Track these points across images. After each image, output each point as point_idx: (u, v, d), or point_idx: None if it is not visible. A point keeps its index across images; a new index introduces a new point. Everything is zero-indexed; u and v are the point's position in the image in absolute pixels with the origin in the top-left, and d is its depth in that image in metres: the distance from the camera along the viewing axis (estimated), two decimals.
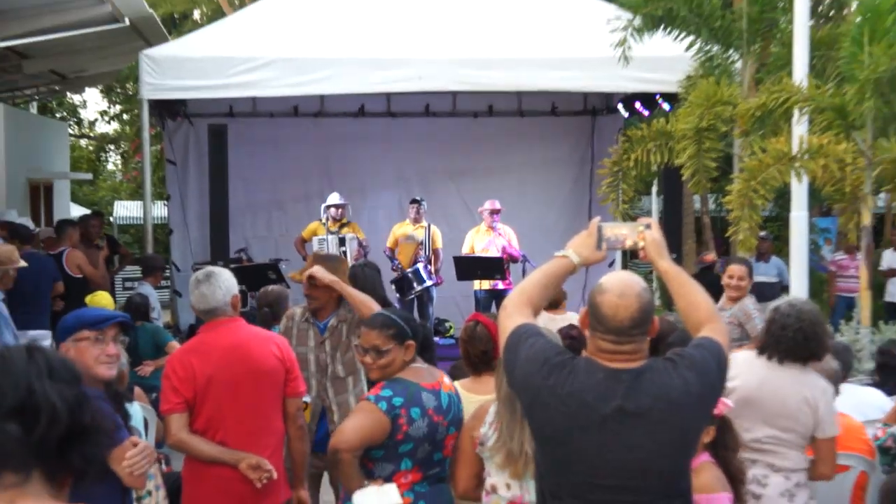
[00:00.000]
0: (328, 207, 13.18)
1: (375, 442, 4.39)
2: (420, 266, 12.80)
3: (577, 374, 3.36)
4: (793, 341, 5.11)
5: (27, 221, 13.90)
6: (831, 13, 20.80)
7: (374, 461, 4.43)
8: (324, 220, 13.14)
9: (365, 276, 7.27)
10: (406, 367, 4.53)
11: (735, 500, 4.23)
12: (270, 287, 8.70)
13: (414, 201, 13.42)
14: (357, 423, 4.46)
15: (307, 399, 5.80)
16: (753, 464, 5.01)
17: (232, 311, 5.32)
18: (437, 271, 13.18)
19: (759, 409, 5.04)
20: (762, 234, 12.50)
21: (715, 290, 14.84)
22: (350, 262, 12.82)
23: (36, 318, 10.13)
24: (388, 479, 4.40)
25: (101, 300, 9.46)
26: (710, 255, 14.34)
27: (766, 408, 5.05)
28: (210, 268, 5.53)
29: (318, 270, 6.00)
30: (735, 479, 4.23)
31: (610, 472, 3.33)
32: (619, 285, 3.42)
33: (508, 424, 4.25)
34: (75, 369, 2.24)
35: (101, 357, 4.31)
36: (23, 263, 8.20)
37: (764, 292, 10.74)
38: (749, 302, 8.13)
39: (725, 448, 4.26)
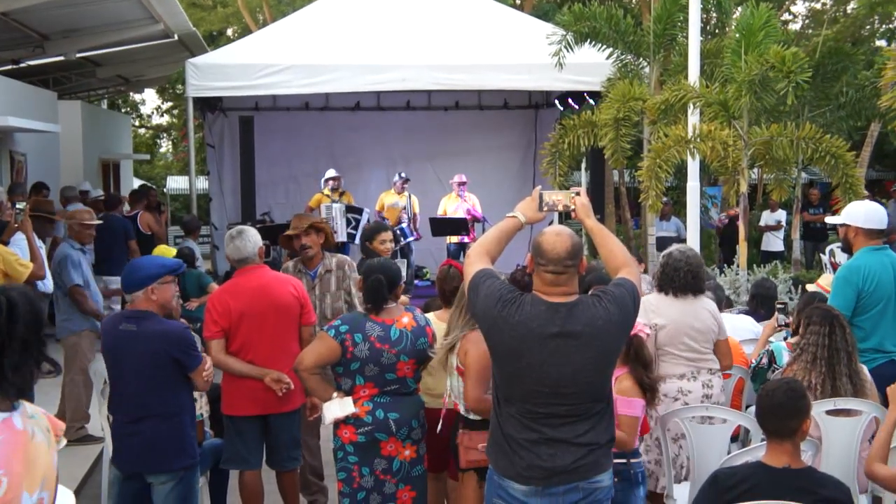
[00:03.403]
0: (328, 180, 13.10)
1: (329, 361, 4.40)
2: (404, 225, 12.80)
3: (524, 307, 3.35)
4: (684, 280, 5.13)
5: (89, 188, 13.86)
6: (717, 30, 20.76)
7: (339, 376, 4.43)
8: (325, 191, 13.04)
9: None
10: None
11: (647, 405, 4.22)
12: None
13: (402, 178, 13.34)
14: (311, 347, 4.51)
15: None
16: (699, 373, 5.07)
17: (259, 259, 5.28)
18: (416, 229, 13.17)
19: (688, 333, 5.07)
20: (665, 199, 12.50)
21: (733, 239, 14.86)
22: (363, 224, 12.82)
23: (110, 267, 10.12)
24: (349, 392, 4.39)
25: (165, 251, 9.43)
26: (734, 210, 14.28)
27: (693, 329, 5.08)
28: (241, 226, 5.50)
29: None
30: (648, 388, 4.21)
31: (549, 382, 3.33)
32: (556, 229, 3.47)
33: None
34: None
35: (175, 294, 4.48)
36: (96, 222, 7.90)
37: (665, 244, 10.73)
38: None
39: (637, 362, 4.24)
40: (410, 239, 12.85)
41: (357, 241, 12.63)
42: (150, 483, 4.44)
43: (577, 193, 3.63)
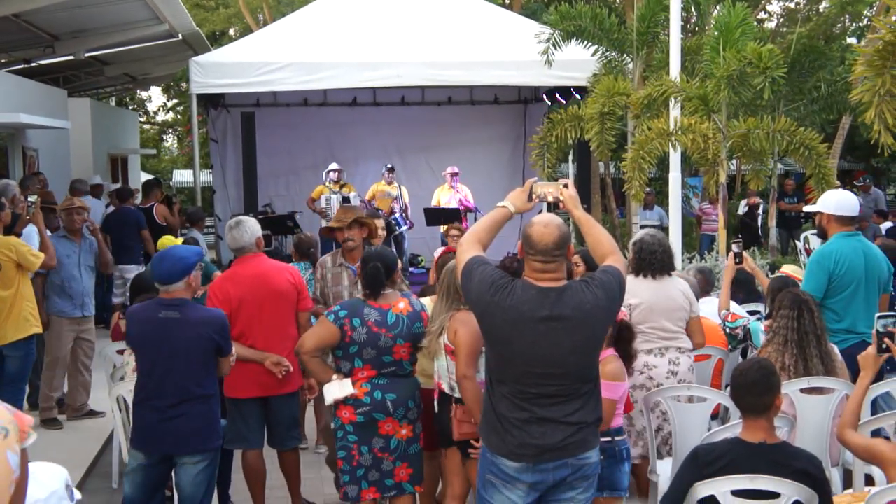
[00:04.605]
0: (329, 172, 13.11)
1: (329, 344, 4.41)
2: (397, 216, 12.80)
3: (516, 292, 3.36)
4: (660, 262, 5.15)
5: (101, 182, 13.82)
6: (696, 28, 20.73)
7: (338, 359, 4.44)
8: (326, 183, 13.06)
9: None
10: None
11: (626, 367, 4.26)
12: (307, 234, 8.34)
13: (388, 169, 13.33)
14: (312, 331, 4.54)
15: None
16: (667, 350, 5.08)
17: (256, 248, 5.27)
18: (408, 218, 13.17)
19: (661, 312, 5.08)
20: (648, 189, 12.52)
21: (754, 227, 14.93)
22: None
23: (126, 257, 10.14)
24: (348, 374, 4.39)
25: (170, 242, 9.38)
26: (754, 199, 14.30)
27: (665, 309, 5.10)
28: (240, 217, 5.49)
29: None
30: (630, 357, 4.26)
31: (540, 363, 3.33)
32: (544, 219, 3.44)
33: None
34: None
35: None
36: (78, 205, 7.54)
37: None
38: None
39: (622, 338, 4.25)
40: (403, 228, 12.86)
41: None
42: (176, 464, 4.43)
43: (566, 185, 3.63)
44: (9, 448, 1.93)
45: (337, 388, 4.36)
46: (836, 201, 5.60)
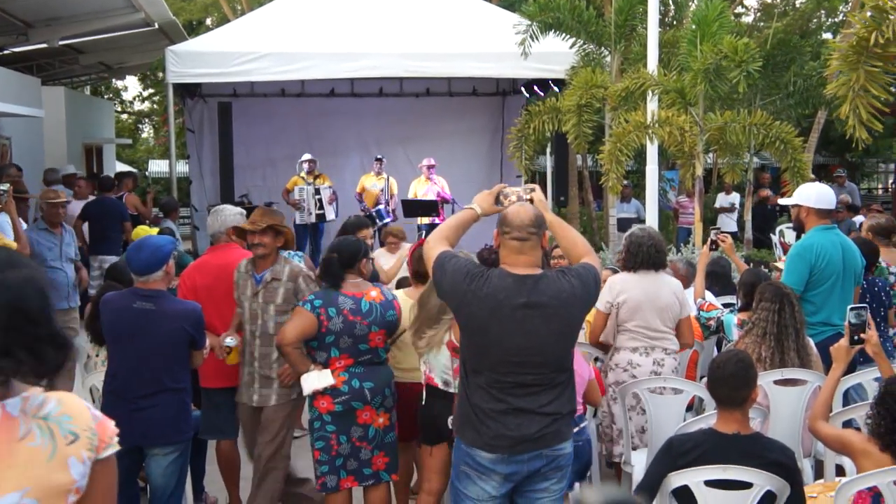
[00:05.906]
0: (302, 163, 13.06)
1: (309, 334, 4.40)
2: (381, 207, 12.76)
3: (492, 280, 3.37)
4: (647, 254, 5.14)
5: (75, 171, 13.66)
6: (674, 22, 20.81)
7: (314, 350, 4.44)
8: (301, 174, 13.00)
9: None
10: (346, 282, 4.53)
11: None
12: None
13: (377, 159, 13.29)
14: (292, 322, 4.47)
15: (233, 342, 4.85)
16: (653, 350, 5.08)
17: (226, 238, 5.22)
18: (393, 211, 13.13)
19: (649, 310, 5.08)
20: (625, 182, 12.55)
21: (767, 220, 14.59)
22: (325, 203, 12.78)
23: (106, 247, 10.06)
24: (325, 365, 4.41)
25: (145, 232, 9.33)
26: (765, 192, 14.27)
27: (653, 307, 5.09)
28: (222, 205, 5.50)
29: None
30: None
31: (516, 352, 3.34)
32: (519, 203, 3.52)
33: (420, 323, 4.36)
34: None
35: None
36: (63, 200, 7.69)
37: (625, 226, 10.77)
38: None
39: None
40: (387, 220, 12.80)
41: (329, 217, 12.64)
42: (146, 455, 4.40)
43: (533, 189, 3.65)
44: (73, 455, 1.78)
45: (315, 379, 4.36)
46: (816, 194, 5.60)
